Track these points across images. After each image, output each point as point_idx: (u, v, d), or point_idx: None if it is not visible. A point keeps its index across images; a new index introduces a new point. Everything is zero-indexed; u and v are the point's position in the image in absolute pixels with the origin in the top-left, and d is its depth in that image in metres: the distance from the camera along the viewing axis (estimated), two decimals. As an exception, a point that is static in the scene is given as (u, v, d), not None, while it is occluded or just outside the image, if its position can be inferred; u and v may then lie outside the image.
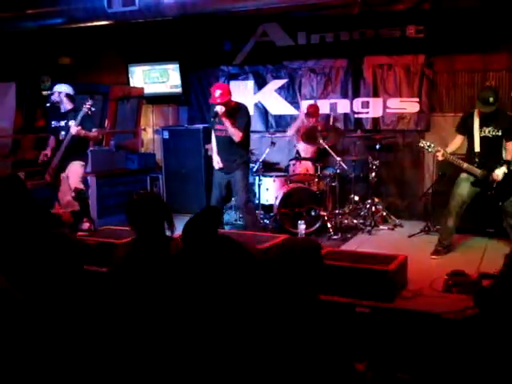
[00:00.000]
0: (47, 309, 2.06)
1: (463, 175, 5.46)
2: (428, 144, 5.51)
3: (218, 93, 5.69)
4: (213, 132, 6.16)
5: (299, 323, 1.91)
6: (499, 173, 5.29)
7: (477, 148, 5.34)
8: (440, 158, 5.44)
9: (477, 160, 5.33)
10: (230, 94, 5.78)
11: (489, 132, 5.34)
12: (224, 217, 6.98)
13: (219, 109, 5.67)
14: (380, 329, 3.55)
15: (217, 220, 2.96)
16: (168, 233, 3.13)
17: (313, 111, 7.16)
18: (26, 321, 2.00)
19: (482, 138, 5.33)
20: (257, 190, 6.92)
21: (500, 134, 5.35)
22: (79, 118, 5.79)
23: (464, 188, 5.42)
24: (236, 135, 5.75)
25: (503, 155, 5.43)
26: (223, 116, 5.70)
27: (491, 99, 5.21)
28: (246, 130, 5.86)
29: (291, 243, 2.22)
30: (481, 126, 5.33)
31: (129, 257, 2.99)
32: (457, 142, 5.58)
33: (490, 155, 5.34)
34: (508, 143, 5.40)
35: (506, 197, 5.34)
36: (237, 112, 5.82)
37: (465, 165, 5.35)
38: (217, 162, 6.03)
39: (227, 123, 5.72)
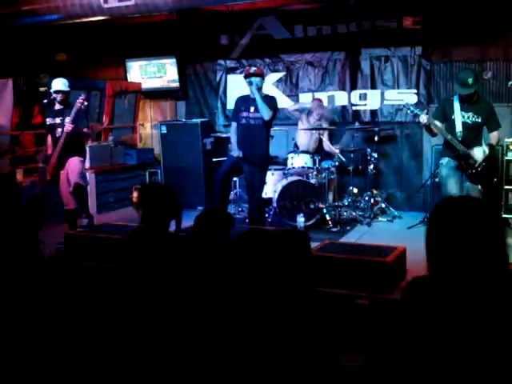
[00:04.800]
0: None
1: (444, 160, 5.33)
2: (413, 107, 5.43)
3: (253, 68, 6.02)
4: (233, 126, 6.16)
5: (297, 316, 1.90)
6: (479, 152, 5.19)
7: (458, 128, 5.20)
8: (424, 121, 5.19)
9: (459, 138, 5.20)
10: (264, 72, 6.16)
11: (468, 118, 5.21)
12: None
13: (254, 80, 5.85)
14: (379, 320, 3.56)
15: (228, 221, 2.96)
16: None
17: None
18: None
19: (462, 124, 5.21)
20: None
21: (480, 120, 5.23)
22: (73, 114, 5.75)
23: (453, 180, 5.24)
24: (266, 111, 5.80)
25: (483, 142, 5.31)
26: (257, 89, 5.81)
27: (470, 80, 5.08)
28: (274, 113, 5.91)
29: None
30: (461, 111, 5.21)
31: (130, 248, 2.99)
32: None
33: (470, 139, 5.22)
34: (491, 133, 5.30)
35: (486, 180, 5.24)
36: (265, 100, 5.88)
37: (449, 136, 5.20)
38: (235, 150, 6.01)
39: (258, 97, 5.80)
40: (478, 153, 5.23)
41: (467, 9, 6.63)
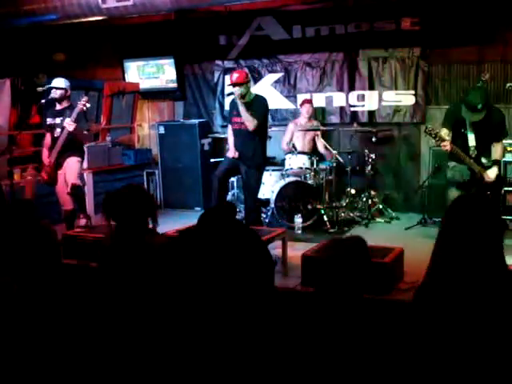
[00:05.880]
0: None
1: (451, 164, 5.31)
2: (435, 132, 5.10)
3: (234, 76, 5.81)
4: (229, 127, 6.20)
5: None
6: (492, 174, 5.16)
7: (472, 143, 5.13)
8: (449, 149, 5.08)
9: (473, 156, 5.15)
10: (247, 78, 5.87)
11: (478, 133, 5.12)
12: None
13: (236, 90, 5.71)
14: (377, 321, 3.55)
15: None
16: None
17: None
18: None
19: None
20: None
21: (489, 134, 5.16)
22: (74, 114, 5.75)
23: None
24: (250, 122, 5.71)
25: (491, 152, 5.24)
26: (240, 98, 5.71)
27: (480, 106, 4.91)
28: (261, 120, 5.82)
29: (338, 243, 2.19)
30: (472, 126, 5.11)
31: (109, 249, 3.00)
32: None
33: (481, 151, 5.17)
34: (495, 143, 5.22)
35: (495, 197, 5.19)
36: (254, 102, 5.83)
37: (467, 159, 5.13)
38: (232, 152, 6.02)
39: (242, 108, 5.70)
40: (492, 174, 5.17)
41: (465, 10, 6.64)
